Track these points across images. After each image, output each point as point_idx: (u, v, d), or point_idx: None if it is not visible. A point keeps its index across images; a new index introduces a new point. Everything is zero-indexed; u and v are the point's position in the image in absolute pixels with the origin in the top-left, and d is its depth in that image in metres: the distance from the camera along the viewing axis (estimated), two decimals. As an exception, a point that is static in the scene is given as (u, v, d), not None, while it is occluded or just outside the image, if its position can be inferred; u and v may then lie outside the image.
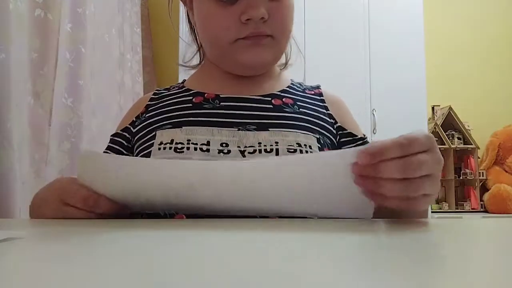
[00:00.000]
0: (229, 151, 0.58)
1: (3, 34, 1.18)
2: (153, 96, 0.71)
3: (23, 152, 1.25)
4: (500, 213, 2.52)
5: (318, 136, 0.64)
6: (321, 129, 0.65)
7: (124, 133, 0.69)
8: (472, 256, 0.28)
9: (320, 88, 0.74)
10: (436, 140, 2.91)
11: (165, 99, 0.69)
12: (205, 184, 0.47)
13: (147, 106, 0.69)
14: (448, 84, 2.87)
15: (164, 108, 0.67)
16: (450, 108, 2.68)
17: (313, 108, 0.68)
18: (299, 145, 0.60)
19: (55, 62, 1.48)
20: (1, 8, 1.17)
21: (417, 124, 2.30)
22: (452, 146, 2.65)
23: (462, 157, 2.75)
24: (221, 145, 0.59)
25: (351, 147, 0.67)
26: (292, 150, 0.59)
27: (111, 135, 0.71)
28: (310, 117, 0.66)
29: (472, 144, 2.66)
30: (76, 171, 0.52)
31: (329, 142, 0.66)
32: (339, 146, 0.68)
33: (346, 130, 0.68)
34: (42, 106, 1.41)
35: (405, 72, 2.35)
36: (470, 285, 0.20)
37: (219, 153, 0.58)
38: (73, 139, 1.49)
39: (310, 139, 0.62)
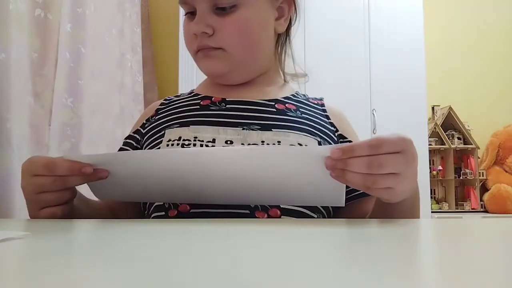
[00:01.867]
0: None
1: (3, 34, 1.18)
2: (164, 102, 0.76)
3: (23, 152, 1.25)
4: (500, 213, 2.52)
5: (318, 139, 0.66)
6: (322, 134, 0.68)
7: (135, 135, 0.73)
8: (472, 256, 0.28)
9: (323, 100, 0.77)
10: (436, 140, 2.88)
11: (175, 103, 0.73)
12: (193, 170, 0.51)
13: (157, 109, 0.74)
14: (448, 84, 2.86)
15: (173, 110, 0.71)
16: (450, 108, 2.68)
17: (315, 115, 0.71)
18: (300, 145, 0.62)
19: (55, 62, 1.48)
20: (1, 8, 1.17)
21: (417, 124, 2.31)
22: (452, 146, 2.65)
23: (462, 157, 2.75)
24: (226, 142, 0.62)
25: None
26: None
27: (125, 138, 0.75)
28: (312, 122, 0.69)
29: (472, 144, 2.66)
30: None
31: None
32: None
33: (347, 138, 0.71)
34: (42, 106, 1.41)
35: (405, 72, 2.35)
36: (470, 285, 0.20)
37: None
38: (73, 139, 1.49)
39: (311, 141, 0.64)
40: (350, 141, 0.70)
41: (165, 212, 0.59)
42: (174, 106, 0.72)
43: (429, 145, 2.45)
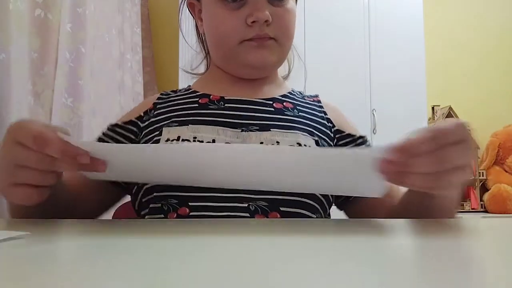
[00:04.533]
0: None
1: (3, 34, 1.18)
2: (161, 96, 0.73)
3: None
4: (500, 213, 2.51)
5: (316, 139, 0.66)
6: (319, 132, 0.68)
7: (131, 127, 0.70)
8: (472, 256, 0.28)
9: (318, 97, 0.77)
10: (436, 140, 2.86)
11: (172, 99, 0.71)
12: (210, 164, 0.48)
13: (155, 103, 0.71)
14: (448, 84, 2.86)
15: (171, 107, 0.69)
16: (450, 108, 2.68)
17: (312, 113, 0.71)
18: (299, 144, 0.62)
19: (55, 62, 1.48)
20: (1, 8, 1.17)
21: (417, 124, 2.30)
22: (452, 146, 2.65)
23: (462, 157, 2.75)
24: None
25: (352, 147, 0.70)
26: None
27: (111, 125, 0.71)
28: (309, 120, 0.69)
29: (472, 144, 2.66)
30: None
31: (326, 145, 0.68)
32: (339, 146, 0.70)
33: (344, 132, 0.71)
34: (42, 106, 1.41)
35: (405, 72, 2.35)
36: (469, 285, 0.20)
37: None
38: (73, 139, 1.49)
39: (309, 141, 0.65)
40: (348, 135, 0.70)
41: (164, 215, 0.58)
42: (172, 102, 0.71)
43: (429, 145, 2.45)
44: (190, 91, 0.73)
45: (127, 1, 2.15)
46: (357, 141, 0.71)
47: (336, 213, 0.68)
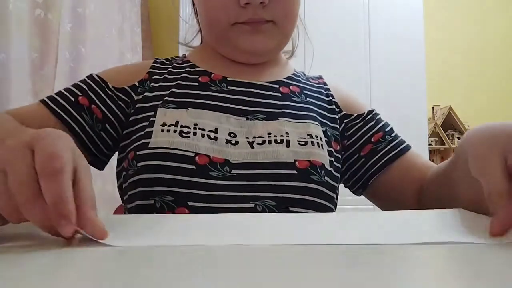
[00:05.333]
0: (237, 142, 0.55)
1: (3, 34, 1.18)
2: (155, 64, 0.65)
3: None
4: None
5: (324, 129, 0.61)
6: (327, 120, 0.63)
7: (123, 96, 0.61)
8: (471, 256, 0.28)
9: (323, 79, 0.72)
10: (436, 140, 2.88)
11: (169, 70, 0.64)
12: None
13: (150, 73, 0.63)
14: (448, 84, 2.86)
15: (168, 81, 0.62)
16: (450, 108, 2.68)
17: (319, 97, 0.66)
18: (310, 136, 0.58)
19: (55, 62, 1.48)
20: (1, 8, 1.17)
21: (417, 124, 2.30)
22: (452, 146, 2.65)
23: (462, 157, 2.75)
24: (229, 134, 0.56)
25: (364, 127, 0.65)
26: (303, 143, 0.57)
27: (99, 78, 0.61)
28: (317, 107, 0.64)
29: (472, 144, 2.66)
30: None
31: (335, 133, 0.64)
32: (351, 133, 0.66)
33: (353, 114, 0.66)
34: (42, 106, 1.41)
35: (405, 72, 2.35)
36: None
37: (226, 143, 0.55)
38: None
39: (319, 130, 0.60)
40: (357, 117, 0.66)
41: (156, 214, 0.52)
42: (169, 76, 0.63)
43: (429, 145, 2.45)
44: (188, 64, 0.65)
45: (127, 1, 2.15)
46: (366, 118, 0.66)
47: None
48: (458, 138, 2.70)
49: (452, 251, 0.29)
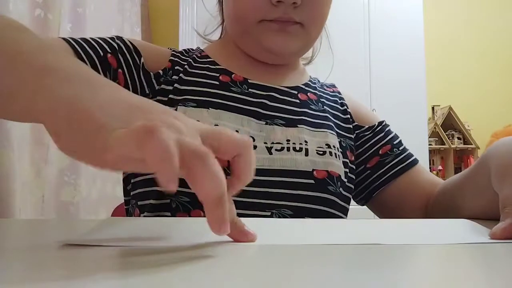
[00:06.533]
0: (255, 147, 0.54)
1: (3, 34, 1.18)
2: (175, 53, 0.62)
3: (23, 152, 1.25)
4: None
5: (340, 139, 0.62)
6: (342, 131, 0.64)
7: (146, 80, 0.57)
8: (472, 256, 0.28)
9: (337, 87, 0.71)
10: (436, 140, 2.88)
11: (189, 63, 0.61)
12: None
13: (172, 62, 0.60)
14: (448, 84, 2.86)
15: (189, 75, 0.59)
16: (450, 108, 2.67)
17: (335, 107, 0.66)
18: (328, 146, 0.58)
19: (55, 62, 1.48)
20: (1, 8, 1.17)
21: (417, 124, 2.30)
22: (452, 146, 2.65)
23: (462, 157, 2.75)
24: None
25: (372, 139, 0.65)
26: (321, 153, 0.57)
27: (127, 40, 0.58)
28: (333, 117, 0.64)
29: (472, 144, 2.66)
30: (77, 171, 0.44)
31: (351, 143, 0.64)
32: (359, 143, 0.66)
33: (364, 126, 0.66)
34: (42, 106, 1.41)
35: (405, 72, 2.35)
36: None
37: None
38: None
39: (336, 140, 0.60)
40: (368, 129, 0.66)
41: (171, 213, 0.50)
42: (190, 71, 0.60)
43: (429, 145, 2.45)
44: (208, 59, 0.63)
45: (127, 1, 2.15)
46: (375, 129, 0.66)
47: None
48: (458, 138, 2.70)
49: (453, 251, 0.29)
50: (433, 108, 2.77)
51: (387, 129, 0.67)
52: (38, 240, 0.34)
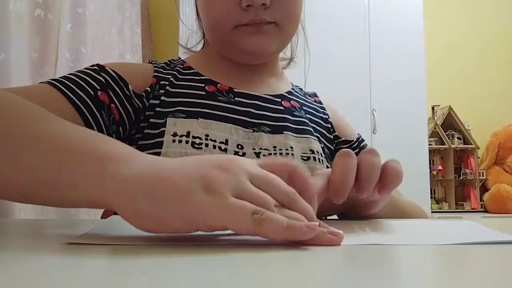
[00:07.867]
0: (244, 154, 0.57)
1: (3, 34, 1.18)
2: (157, 68, 0.64)
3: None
4: (500, 213, 2.51)
5: (322, 145, 0.65)
6: (323, 138, 0.67)
7: (138, 101, 0.58)
8: (471, 256, 0.28)
9: (318, 97, 0.75)
10: (436, 140, 2.89)
11: (174, 75, 0.63)
12: None
13: (157, 78, 0.61)
14: (448, 84, 2.86)
15: (175, 88, 0.61)
16: (450, 108, 2.67)
17: (317, 115, 0.70)
18: (312, 151, 0.61)
19: (55, 62, 1.48)
20: (1, 8, 1.17)
21: (417, 124, 2.30)
22: (452, 146, 2.64)
23: (462, 157, 2.75)
24: (237, 146, 0.58)
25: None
26: (306, 158, 0.60)
27: (110, 69, 0.58)
28: (315, 124, 0.67)
29: (472, 144, 2.66)
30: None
31: (328, 152, 0.67)
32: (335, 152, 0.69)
33: (341, 138, 0.70)
34: (42, 106, 1.41)
35: (405, 72, 2.35)
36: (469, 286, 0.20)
37: (234, 154, 0.57)
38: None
39: (319, 146, 0.64)
40: (344, 141, 0.70)
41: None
42: (176, 83, 0.62)
43: (429, 145, 2.45)
44: (191, 71, 0.65)
45: (127, 1, 2.15)
46: (352, 145, 0.70)
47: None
48: (458, 138, 2.70)
49: (453, 251, 0.29)
50: (433, 108, 2.77)
51: (362, 144, 0.71)
52: (38, 240, 0.34)
